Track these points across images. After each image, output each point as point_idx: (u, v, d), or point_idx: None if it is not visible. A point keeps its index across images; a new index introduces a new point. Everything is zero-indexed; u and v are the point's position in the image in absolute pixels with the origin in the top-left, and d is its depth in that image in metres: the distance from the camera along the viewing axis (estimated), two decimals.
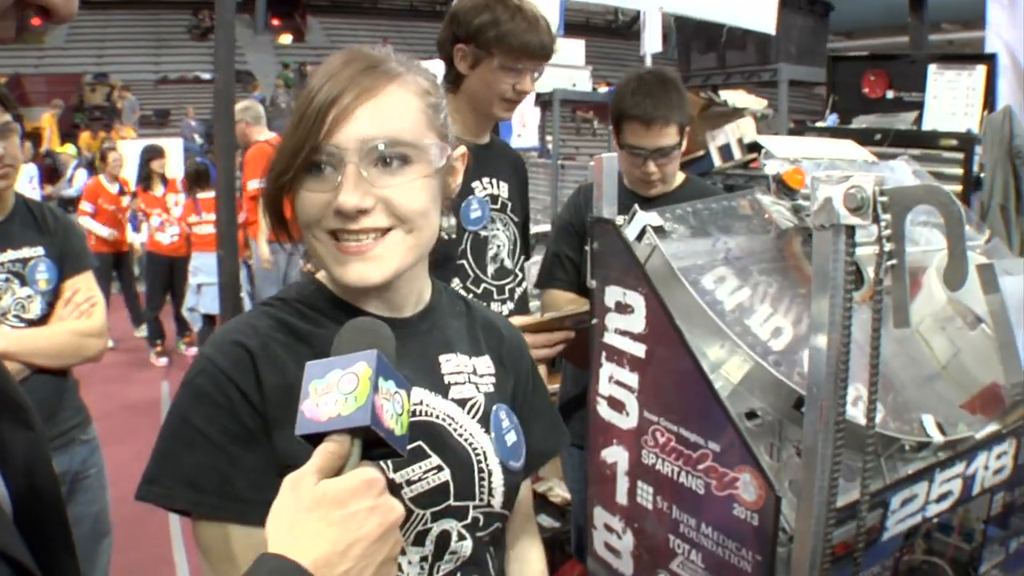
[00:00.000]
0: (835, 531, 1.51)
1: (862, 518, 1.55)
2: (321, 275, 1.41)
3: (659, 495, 1.81)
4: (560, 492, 4.48)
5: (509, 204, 2.88)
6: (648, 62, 7.04)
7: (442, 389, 1.38)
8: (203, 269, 8.41)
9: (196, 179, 8.59)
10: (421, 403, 1.35)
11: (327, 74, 1.28)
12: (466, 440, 1.36)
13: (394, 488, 1.24)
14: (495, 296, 2.84)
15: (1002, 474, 1.99)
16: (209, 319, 8.58)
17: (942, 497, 1.82)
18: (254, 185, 7.25)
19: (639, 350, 1.82)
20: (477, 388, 1.43)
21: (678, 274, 1.79)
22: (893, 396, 1.80)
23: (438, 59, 2.72)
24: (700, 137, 5.70)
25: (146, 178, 9.40)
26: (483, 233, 2.80)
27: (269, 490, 1.12)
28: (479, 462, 1.36)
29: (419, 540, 1.31)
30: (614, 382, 1.91)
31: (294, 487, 0.98)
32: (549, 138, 10.56)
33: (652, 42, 6.15)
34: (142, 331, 9.73)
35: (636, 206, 1.93)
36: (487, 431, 1.39)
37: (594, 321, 1.96)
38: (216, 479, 1.22)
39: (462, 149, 1.42)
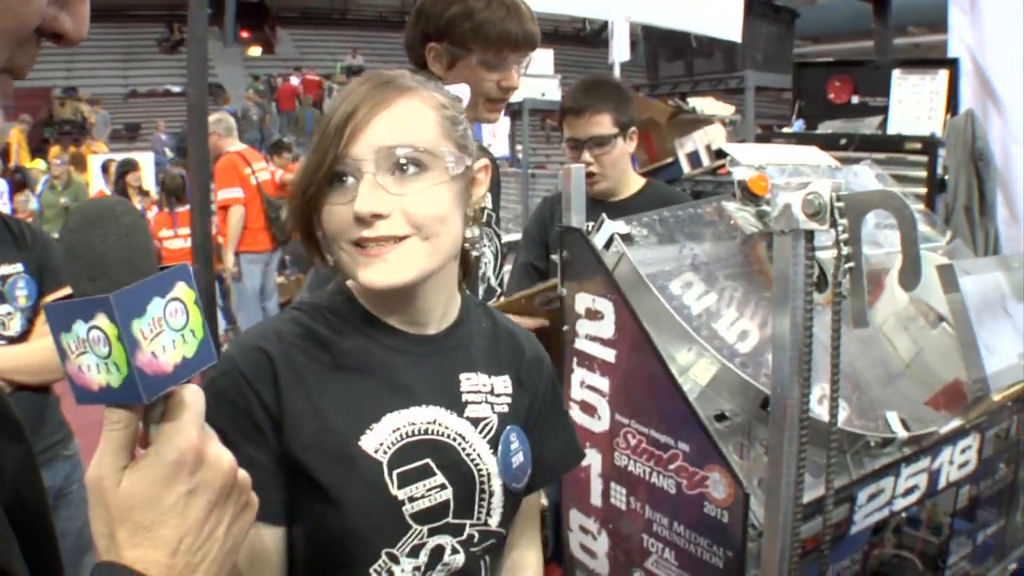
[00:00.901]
0: (803, 526, 1.56)
1: (828, 513, 1.59)
2: (352, 282, 1.44)
3: (632, 496, 1.85)
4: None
5: (493, 216, 2.66)
6: (616, 70, 7.10)
7: (458, 408, 1.40)
8: None
9: (173, 192, 8.51)
10: (435, 422, 1.37)
11: (345, 95, 1.31)
12: (473, 460, 1.39)
13: (393, 508, 1.27)
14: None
15: (967, 468, 2.04)
16: None
17: (908, 491, 1.87)
18: (224, 195, 7.24)
19: (609, 355, 1.86)
20: (492, 408, 1.45)
21: (646, 280, 1.84)
22: (858, 395, 1.85)
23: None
24: (669, 144, 5.75)
25: (122, 192, 9.37)
26: (474, 253, 2.52)
27: (275, 490, 1.20)
28: (482, 483, 1.39)
29: (414, 552, 1.34)
30: (585, 387, 1.95)
31: (99, 495, 0.84)
32: (519, 147, 10.58)
33: (620, 50, 6.20)
34: None
35: (604, 215, 1.97)
36: (495, 452, 1.41)
37: (565, 328, 2.00)
38: None
39: (484, 161, 1.42)
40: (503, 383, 1.48)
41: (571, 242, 1.93)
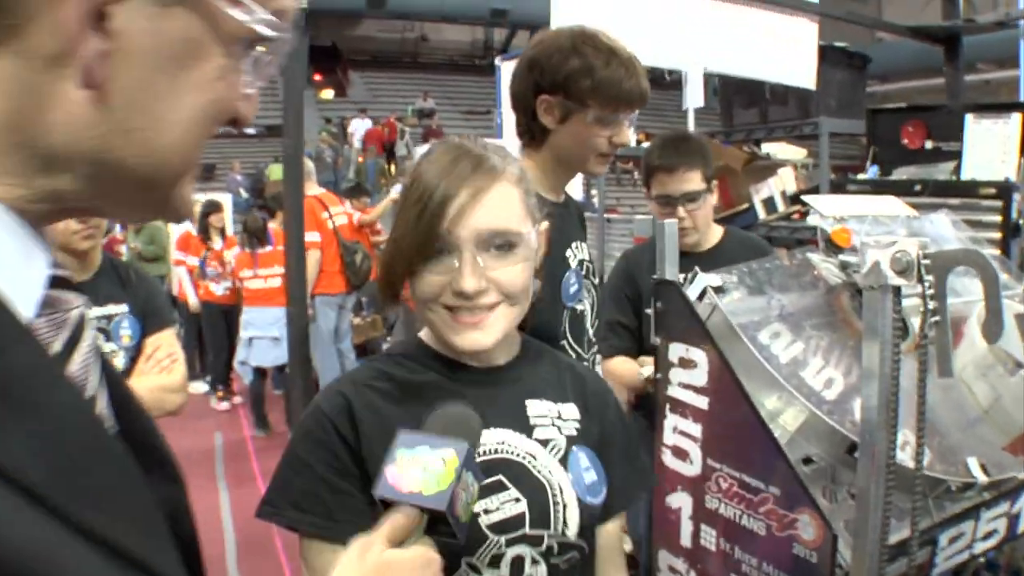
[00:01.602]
0: (888, 567, 1.65)
1: (912, 554, 1.68)
2: (423, 334, 1.60)
3: (722, 537, 1.95)
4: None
5: (591, 267, 2.63)
6: (691, 116, 7.19)
7: (527, 430, 1.54)
8: (254, 323, 8.45)
9: (254, 233, 8.71)
10: (504, 443, 1.51)
11: (440, 172, 1.48)
12: (544, 476, 1.51)
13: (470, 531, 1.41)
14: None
15: None
16: (260, 372, 8.63)
17: (988, 535, 1.95)
18: (306, 239, 7.44)
19: (702, 402, 1.96)
20: (560, 431, 1.57)
21: (737, 330, 1.95)
22: (939, 440, 1.93)
23: (479, 115, 2.38)
24: (744, 191, 5.82)
25: (204, 231, 9.64)
26: (579, 308, 2.50)
27: (360, 514, 1.37)
28: (554, 496, 1.51)
29: (494, 563, 1.46)
30: (678, 432, 2.05)
31: (361, 551, 1.10)
32: (594, 192, 10.63)
33: (694, 97, 6.30)
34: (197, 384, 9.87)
35: (697, 268, 2.09)
36: (566, 469, 1.54)
37: (658, 376, 2.11)
38: (317, 502, 1.43)
39: (545, 224, 1.59)
40: (570, 410, 1.62)
41: (666, 295, 2.05)
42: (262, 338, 8.32)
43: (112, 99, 0.66)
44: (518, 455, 1.51)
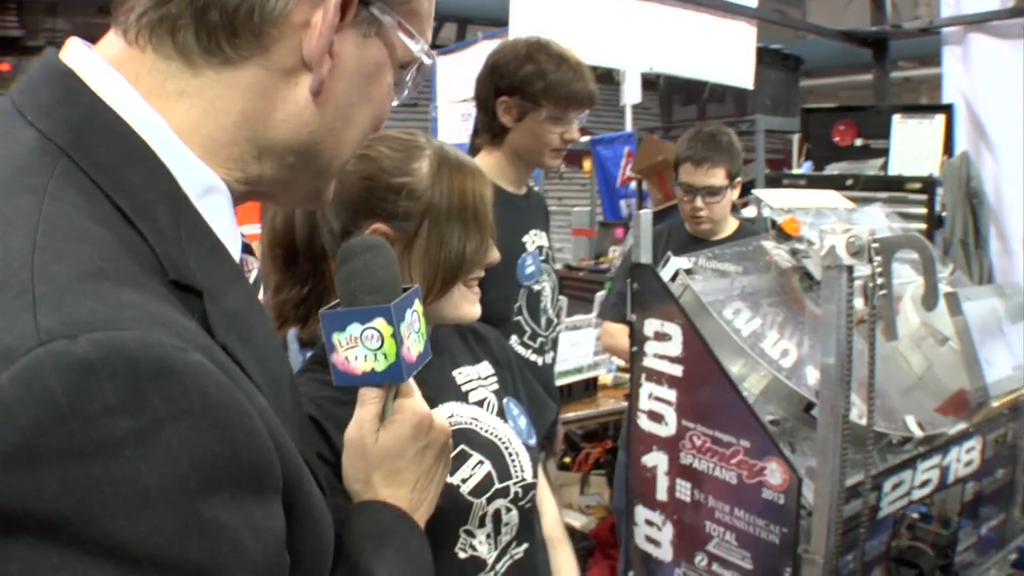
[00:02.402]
0: (845, 506, 1.92)
1: (866, 496, 1.96)
2: None
3: (696, 488, 2.20)
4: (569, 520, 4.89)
5: (550, 253, 2.95)
6: (628, 112, 7.45)
7: (462, 397, 1.75)
8: None
9: None
10: (452, 415, 1.70)
11: (480, 188, 1.73)
12: (492, 434, 1.73)
13: (452, 491, 1.58)
14: (546, 348, 2.91)
15: (971, 466, 2.39)
16: None
17: (924, 484, 2.22)
18: (248, 232, 7.55)
19: (677, 370, 2.21)
20: (487, 388, 1.81)
21: (707, 307, 2.20)
22: (881, 401, 2.20)
23: (410, 107, 2.75)
24: None
25: None
26: (535, 287, 2.82)
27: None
28: (507, 448, 1.73)
29: (482, 523, 1.64)
30: (653, 398, 2.30)
31: (359, 450, 1.18)
32: (534, 183, 10.79)
33: (631, 94, 6.55)
34: None
35: (670, 253, 2.34)
36: (505, 421, 1.77)
37: (634, 349, 2.36)
38: None
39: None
40: (486, 368, 1.84)
41: (641, 276, 2.30)
42: None
43: (327, 104, 0.91)
44: (466, 422, 1.70)
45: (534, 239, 2.81)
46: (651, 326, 2.28)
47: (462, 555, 1.61)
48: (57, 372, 0.62)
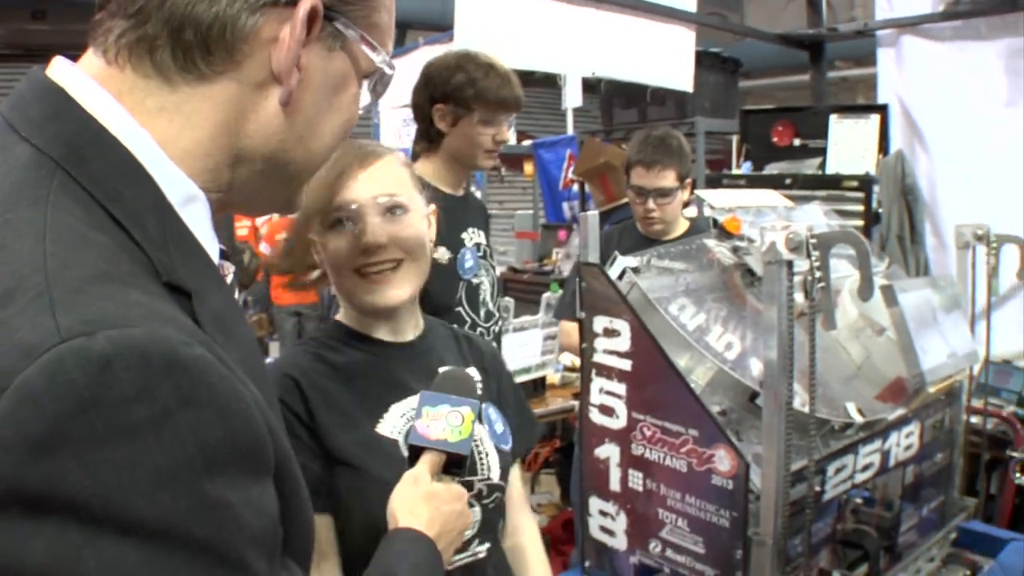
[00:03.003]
0: (791, 490, 2.00)
1: (810, 480, 2.04)
2: (340, 316, 1.88)
3: (648, 478, 2.26)
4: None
5: (488, 251, 3.16)
6: (570, 116, 7.52)
7: None
8: None
9: None
10: None
11: (331, 160, 1.76)
12: None
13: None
14: (484, 338, 3.02)
15: (911, 450, 2.49)
16: None
17: (866, 467, 2.30)
18: None
19: (626, 364, 2.27)
20: None
21: (654, 303, 2.27)
22: (822, 390, 2.28)
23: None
24: (623, 187, 6.14)
25: None
26: (474, 281, 3.04)
27: (324, 484, 1.64)
28: (478, 447, 1.81)
29: None
30: (604, 392, 2.36)
31: (415, 482, 1.45)
32: (474, 189, 10.80)
33: (572, 98, 6.62)
34: None
35: (616, 252, 2.41)
36: (481, 423, 1.84)
37: (583, 346, 2.42)
38: None
39: (433, 207, 1.89)
40: (472, 373, 1.89)
41: (589, 275, 2.36)
42: None
43: (296, 114, 0.97)
44: None
45: (472, 236, 3.04)
46: (600, 323, 2.35)
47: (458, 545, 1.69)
48: (78, 366, 0.68)
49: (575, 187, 8.01)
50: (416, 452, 1.49)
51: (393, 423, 1.74)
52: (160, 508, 0.70)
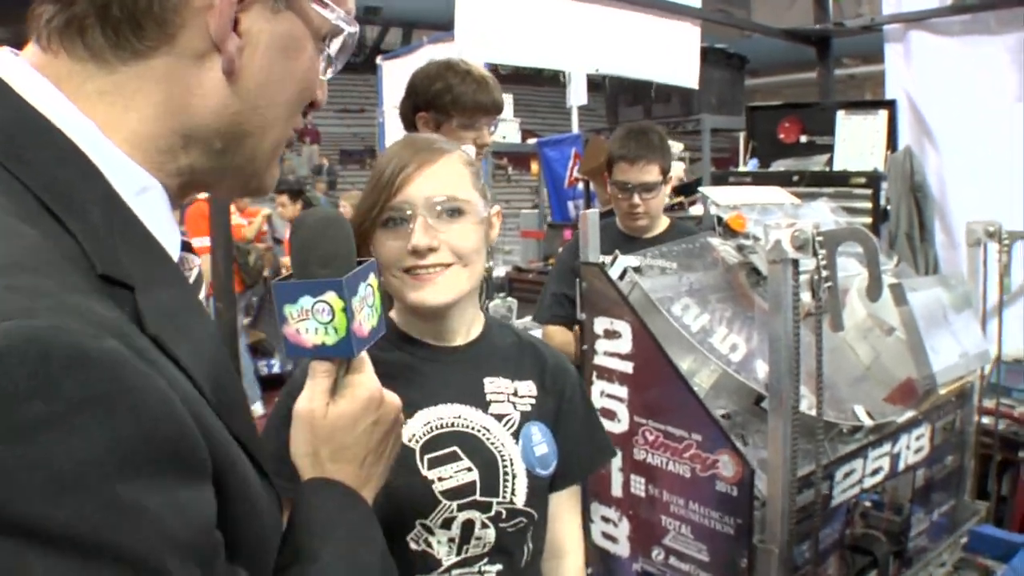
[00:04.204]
0: (798, 496, 1.94)
1: (819, 484, 1.98)
2: (392, 313, 1.80)
3: (651, 483, 2.21)
4: None
5: None
6: (574, 114, 7.47)
7: (483, 405, 1.71)
8: None
9: None
10: (460, 416, 1.68)
11: (392, 154, 1.69)
12: (496, 448, 1.68)
13: (425, 486, 1.57)
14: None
15: (921, 453, 2.43)
16: None
17: (875, 472, 2.25)
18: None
19: (627, 367, 2.23)
20: (515, 407, 1.74)
21: (656, 304, 2.22)
22: (830, 393, 2.23)
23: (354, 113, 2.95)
24: None
25: None
26: None
27: None
28: (505, 466, 1.68)
29: (446, 525, 1.62)
30: (605, 395, 2.31)
31: (307, 423, 1.16)
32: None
33: (577, 95, 6.56)
34: None
35: (617, 251, 2.35)
36: (517, 442, 1.71)
37: (584, 347, 2.37)
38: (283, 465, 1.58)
39: (497, 207, 1.80)
40: (527, 387, 1.76)
41: (590, 275, 2.31)
42: None
43: (244, 83, 0.91)
44: (472, 428, 1.67)
45: None
46: (601, 324, 2.30)
47: (414, 546, 1.61)
48: None
49: (580, 186, 7.96)
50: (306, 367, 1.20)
51: (415, 430, 1.66)
52: (66, 513, 0.64)
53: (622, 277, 2.30)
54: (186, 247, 0.97)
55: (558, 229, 8.59)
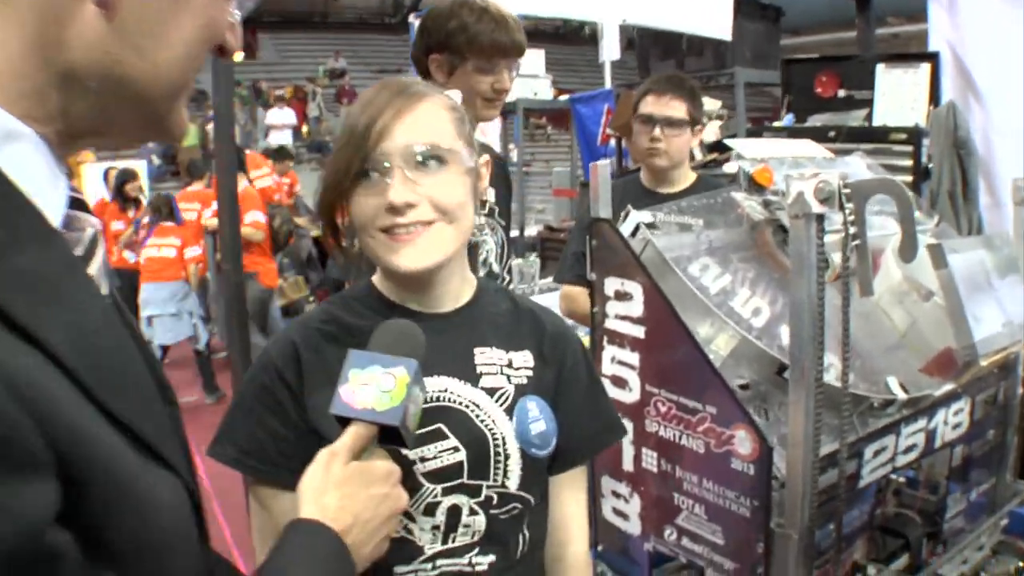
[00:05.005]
0: (820, 476, 1.76)
1: (843, 464, 1.80)
2: (375, 278, 1.63)
3: (663, 458, 2.05)
4: None
5: (496, 209, 2.96)
6: (607, 69, 7.30)
7: (472, 378, 1.54)
8: (152, 301, 8.20)
9: (158, 209, 8.54)
10: (447, 390, 1.51)
11: (366, 101, 1.49)
12: (487, 426, 1.51)
13: (406, 467, 1.41)
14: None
15: (960, 429, 2.24)
16: (163, 349, 8.32)
17: (908, 449, 2.07)
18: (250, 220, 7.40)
19: (639, 331, 2.05)
20: (509, 380, 1.56)
21: (670, 263, 2.04)
22: (860, 362, 2.05)
23: (391, 73, 2.78)
24: None
25: (122, 199, 9.50)
26: (473, 239, 2.84)
27: (297, 458, 1.35)
28: (496, 446, 1.51)
29: (429, 511, 1.47)
30: (616, 362, 2.14)
31: (327, 463, 1.20)
32: (511, 146, 10.69)
33: (610, 50, 6.39)
34: None
35: (629, 207, 2.17)
36: (511, 419, 1.53)
37: (595, 310, 2.20)
38: (258, 446, 1.47)
39: (486, 156, 1.60)
40: (523, 357, 1.60)
41: (600, 232, 2.13)
42: (161, 316, 8.15)
43: (122, 18, 0.76)
44: (460, 403, 1.51)
45: None
46: (611, 285, 2.12)
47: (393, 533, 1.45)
48: None
49: (612, 143, 7.82)
50: (346, 424, 1.25)
51: None
52: None
53: (634, 234, 2.12)
54: (78, 205, 0.83)
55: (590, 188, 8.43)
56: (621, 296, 2.10)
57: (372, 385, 1.23)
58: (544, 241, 9.47)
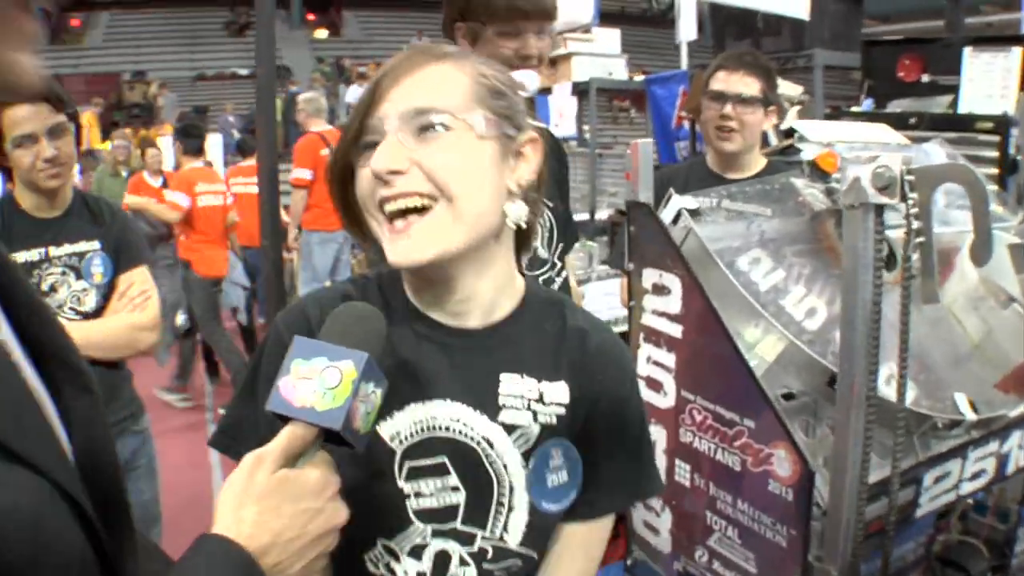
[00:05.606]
0: (868, 507, 1.55)
1: (894, 494, 1.58)
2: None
3: (696, 472, 1.86)
4: None
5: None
6: (684, 50, 7.09)
7: (492, 410, 1.31)
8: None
9: (187, 132, 8.46)
10: (459, 420, 1.29)
11: (384, 67, 1.30)
12: (495, 469, 1.31)
13: (397, 501, 1.26)
14: None
15: None
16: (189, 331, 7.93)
17: (976, 475, 1.86)
18: (294, 175, 7.31)
19: (676, 330, 1.86)
20: (535, 417, 1.32)
21: (713, 256, 1.84)
22: (926, 375, 1.84)
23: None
24: None
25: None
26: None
27: None
28: (501, 495, 1.31)
29: (415, 553, 1.29)
30: (652, 362, 1.95)
31: (252, 469, 1.02)
32: (586, 127, 10.52)
33: (687, 30, 6.19)
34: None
35: (671, 190, 1.97)
36: (526, 465, 1.31)
37: (631, 303, 2.00)
38: (253, 430, 1.26)
39: (531, 134, 1.34)
40: (557, 391, 1.35)
41: (638, 217, 1.93)
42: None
43: None
44: (471, 437, 1.30)
45: None
46: (649, 277, 1.94)
47: (371, 568, 1.26)
48: None
49: (687, 125, 7.61)
50: (286, 422, 1.08)
51: (400, 427, 1.27)
52: None
53: (675, 221, 1.91)
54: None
55: None
56: (659, 290, 1.90)
57: (315, 380, 1.06)
58: (614, 225, 9.30)
